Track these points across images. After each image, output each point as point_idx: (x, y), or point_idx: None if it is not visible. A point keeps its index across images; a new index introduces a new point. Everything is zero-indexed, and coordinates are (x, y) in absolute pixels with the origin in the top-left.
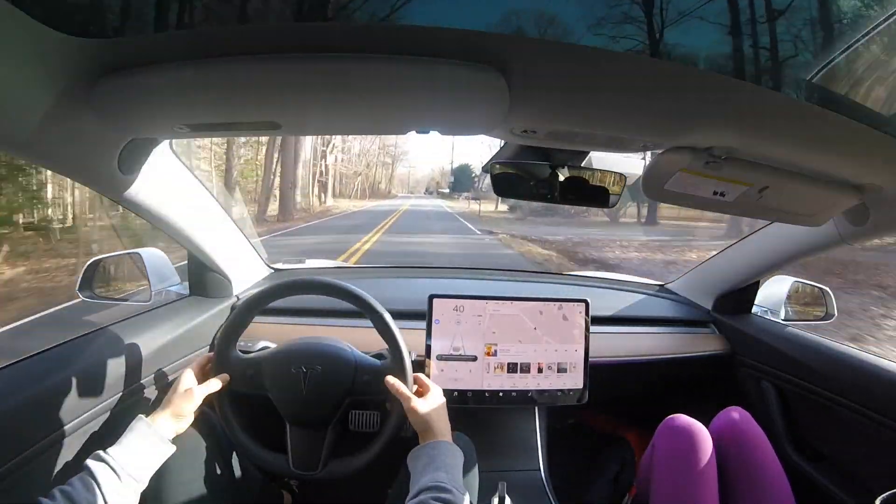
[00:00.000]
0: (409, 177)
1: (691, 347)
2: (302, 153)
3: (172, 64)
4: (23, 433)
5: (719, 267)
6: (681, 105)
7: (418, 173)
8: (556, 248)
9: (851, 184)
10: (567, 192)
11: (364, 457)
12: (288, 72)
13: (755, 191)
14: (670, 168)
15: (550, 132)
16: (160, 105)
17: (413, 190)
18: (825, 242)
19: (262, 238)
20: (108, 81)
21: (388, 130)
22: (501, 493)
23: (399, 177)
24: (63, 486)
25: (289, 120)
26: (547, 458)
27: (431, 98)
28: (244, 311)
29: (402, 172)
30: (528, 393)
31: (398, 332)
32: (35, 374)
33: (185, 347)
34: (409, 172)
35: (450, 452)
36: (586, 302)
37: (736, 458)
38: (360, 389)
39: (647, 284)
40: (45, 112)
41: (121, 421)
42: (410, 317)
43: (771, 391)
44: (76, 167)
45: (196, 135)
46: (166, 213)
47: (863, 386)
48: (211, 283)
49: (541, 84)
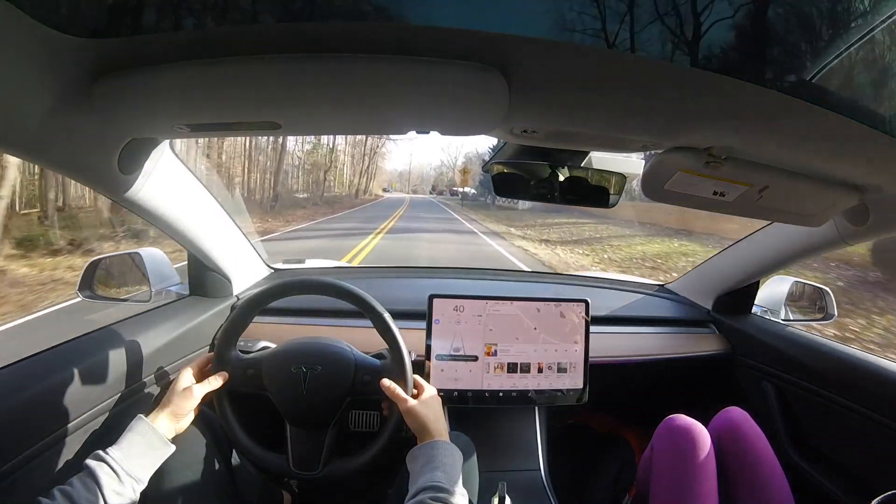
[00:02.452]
0: (409, 169)
1: (691, 347)
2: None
3: (172, 64)
4: (23, 433)
5: (719, 267)
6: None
7: (422, 162)
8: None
9: (851, 184)
10: (567, 192)
11: (364, 457)
12: (288, 72)
13: (755, 191)
14: (670, 168)
15: (550, 132)
16: (160, 105)
17: (416, 189)
18: (825, 242)
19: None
20: (108, 81)
21: (388, 130)
22: (501, 493)
23: (389, 172)
24: (63, 486)
25: (289, 120)
26: (547, 458)
27: (431, 98)
28: (244, 310)
29: (397, 167)
30: (528, 393)
31: (398, 333)
32: (35, 374)
33: (185, 347)
34: (410, 162)
35: (447, 452)
36: (586, 302)
37: (735, 457)
38: (360, 389)
39: (646, 284)
40: (45, 112)
41: (121, 420)
42: (410, 317)
43: (771, 391)
44: (76, 167)
45: (196, 135)
46: (166, 213)
47: (863, 386)
48: (211, 283)
49: (541, 84)
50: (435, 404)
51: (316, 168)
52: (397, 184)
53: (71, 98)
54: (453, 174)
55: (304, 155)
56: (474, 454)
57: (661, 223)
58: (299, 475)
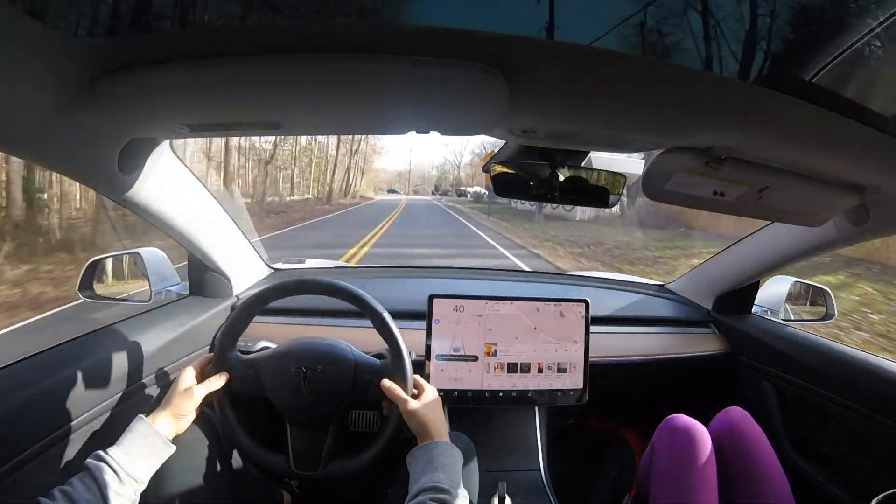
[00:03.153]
0: (409, 168)
1: (691, 347)
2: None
3: (173, 64)
4: (23, 433)
5: (719, 267)
6: (681, 105)
7: (423, 161)
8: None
9: (851, 184)
10: (567, 192)
11: (364, 457)
12: (288, 72)
13: (755, 191)
14: (670, 168)
15: (550, 132)
16: (160, 105)
17: (417, 190)
18: (825, 242)
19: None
20: (109, 81)
21: (388, 130)
22: (501, 493)
23: (391, 172)
24: (63, 486)
25: (289, 120)
26: (547, 458)
27: (431, 98)
28: (244, 311)
29: (398, 167)
30: (528, 393)
31: (398, 333)
32: (35, 374)
33: (185, 347)
34: (410, 161)
35: (448, 452)
36: (586, 302)
37: (735, 457)
38: (360, 389)
39: (646, 284)
40: (46, 112)
41: (121, 420)
42: (410, 317)
43: (771, 391)
44: (76, 167)
45: (196, 135)
46: (166, 213)
47: (863, 386)
48: (211, 283)
49: (541, 84)
50: (435, 405)
51: (261, 163)
52: (397, 183)
53: (71, 98)
54: (458, 172)
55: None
56: (474, 454)
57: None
58: (300, 475)
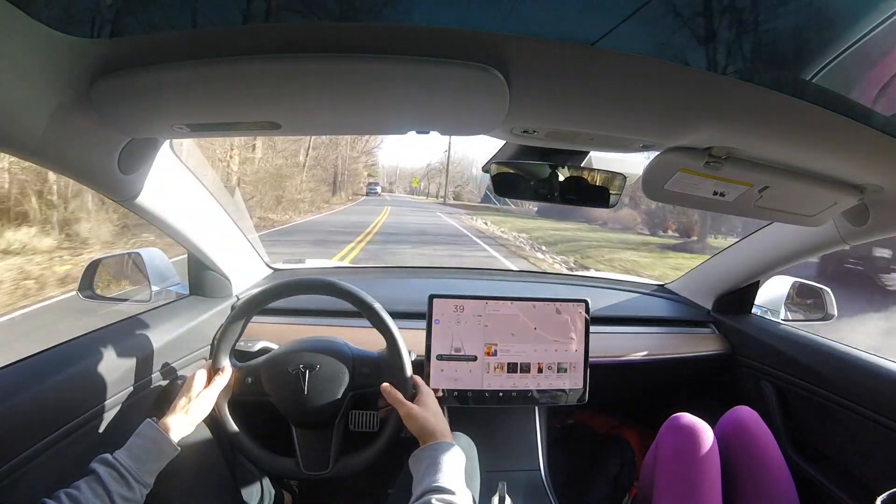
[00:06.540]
0: (396, 168)
1: (691, 347)
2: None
3: (172, 64)
4: (24, 433)
5: (719, 267)
6: (681, 105)
7: (405, 163)
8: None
9: (851, 184)
10: (567, 192)
11: (372, 450)
12: (288, 72)
13: (755, 191)
14: (670, 168)
15: (550, 132)
16: (160, 105)
17: (394, 185)
18: (825, 242)
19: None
20: (108, 81)
21: (388, 130)
22: (502, 493)
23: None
24: (69, 490)
25: (289, 120)
26: (547, 458)
27: (431, 98)
28: (239, 315)
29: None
30: (528, 393)
31: (398, 333)
32: (35, 374)
33: (184, 347)
34: (397, 162)
35: (451, 453)
36: (586, 302)
37: (741, 457)
38: (360, 383)
39: (646, 284)
40: (46, 112)
41: (121, 420)
42: (410, 317)
43: (771, 391)
44: (76, 167)
45: (196, 135)
46: (166, 213)
47: (863, 386)
48: (211, 283)
49: (541, 84)
50: (434, 404)
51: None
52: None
53: (71, 98)
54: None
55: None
56: (475, 454)
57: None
58: (311, 476)
